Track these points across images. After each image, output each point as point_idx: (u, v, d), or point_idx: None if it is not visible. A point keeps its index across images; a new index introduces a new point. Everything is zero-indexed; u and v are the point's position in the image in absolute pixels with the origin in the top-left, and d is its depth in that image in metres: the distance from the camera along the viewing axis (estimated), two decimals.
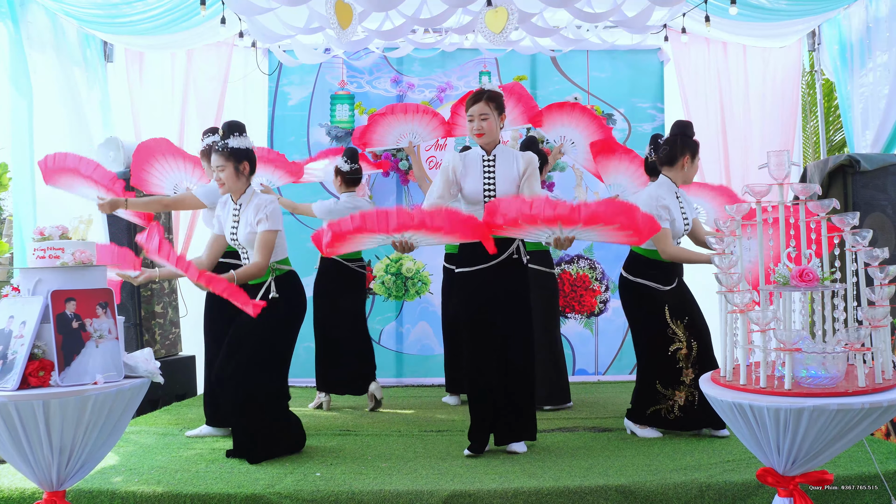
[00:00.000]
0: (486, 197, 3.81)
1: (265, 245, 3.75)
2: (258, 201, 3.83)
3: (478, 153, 3.86)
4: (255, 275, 3.76)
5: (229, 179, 3.85)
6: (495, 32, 4.50)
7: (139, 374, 2.92)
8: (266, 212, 3.76)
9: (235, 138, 3.88)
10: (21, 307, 2.81)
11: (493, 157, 3.85)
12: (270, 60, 6.37)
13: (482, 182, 3.83)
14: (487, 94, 3.83)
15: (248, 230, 3.82)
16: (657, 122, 6.40)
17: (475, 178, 3.83)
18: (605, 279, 6.29)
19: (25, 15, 4.67)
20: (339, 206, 5.17)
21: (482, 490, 3.22)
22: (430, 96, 6.38)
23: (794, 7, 5.34)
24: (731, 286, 2.79)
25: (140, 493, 3.22)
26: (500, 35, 4.51)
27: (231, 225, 3.92)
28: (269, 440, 3.79)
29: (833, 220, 2.83)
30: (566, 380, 5.19)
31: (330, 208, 5.16)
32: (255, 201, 3.84)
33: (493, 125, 3.82)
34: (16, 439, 2.67)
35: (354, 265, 5.28)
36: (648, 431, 4.20)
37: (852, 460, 3.46)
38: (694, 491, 3.22)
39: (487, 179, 3.82)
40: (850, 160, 4.73)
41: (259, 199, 3.86)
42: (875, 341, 2.69)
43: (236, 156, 3.84)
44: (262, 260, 3.74)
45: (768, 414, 2.49)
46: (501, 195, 3.76)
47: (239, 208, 3.90)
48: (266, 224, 3.75)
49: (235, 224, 3.90)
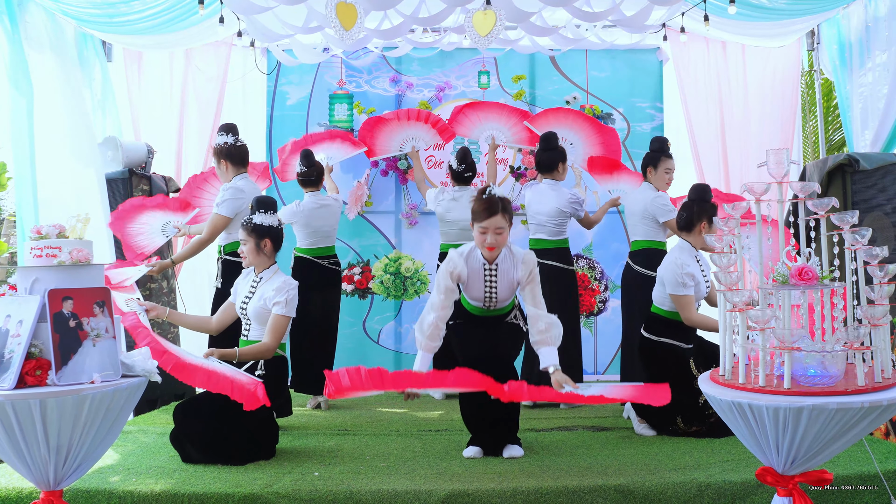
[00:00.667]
0: (486, 299, 3.86)
1: (278, 329, 3.85)
2: (282, 283, 3.92)
3: (479, 260, 3.80)
4: (261, 356, 3.85)
5: (250, 254, 3.99)
6: (481, 35, 4.47)
7: (137, 373, 2.91)
8: (287, 297, 3.86)
9: (261, 215, 4.01)
10: (18, 306, 2.80)
11: (496, 265, 3.80)
12: (269, 60, 6.36)
13: (483, 289, 3.84)
14: (501, 204, 3.70)
15: (260, 304, 3.90)
16: (656, 122, 6.39)
17: (477, 286, 3.83)
18: (605, 279, 6.27)
19: (24, 14, 4.66)
20: (302, 208, 5.24)
21: (481, 489, 3.22)
22: (429, 96, 6.37)
23: (793, 6, 5.33)
24: (730, 285, 2.78)
25: (138, 492, 3.21)
26: (485, 39, 4.49)
27: (246, 294, 4.00)
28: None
29: (832, 219, 2.83)
30: (581, 377, 5.27)
31: (294, 210, 5.24)
32: (279, 281, 3.94)
33: (506, 237, 3.76)
34: (12, 438, 2.67)
35: (327, 262, 5.32)
36: (644, 429, 4.21)
37: (852, 460, 3.45)
38: (693, 490, 3.21)
39: (489, 287, 3.83)
40: (849, 159, 4.73)
41: (283, 280, 3.94)
42: (874, 340, 2.69)
43: (258, 232, 3.97)
44: (273, 343, 3.84)
45: (767, 413, 2.49)
46: (502, 300, 3.86)
47: (259, 281, 3.99)
48: (283, 309, 3.85)
49: (250, 295, 3.98)
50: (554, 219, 5.14)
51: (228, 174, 4.81)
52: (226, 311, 4.12)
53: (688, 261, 4.13)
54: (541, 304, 3.79)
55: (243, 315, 4.00)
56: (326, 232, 5.31)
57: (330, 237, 5.35)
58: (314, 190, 5.30)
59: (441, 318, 3.72)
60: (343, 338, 6.17)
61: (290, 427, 4.49)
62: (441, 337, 3.74)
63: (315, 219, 5.23)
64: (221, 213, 4.71)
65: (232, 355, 3.75)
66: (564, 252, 5.22)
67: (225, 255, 4.84)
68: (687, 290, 4.06)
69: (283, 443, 4.08)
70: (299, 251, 5.32)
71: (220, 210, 4.71)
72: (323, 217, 5.26)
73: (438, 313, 3.72)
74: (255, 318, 3.93)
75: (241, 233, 4.02)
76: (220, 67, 6.16)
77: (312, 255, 5.28)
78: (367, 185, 6.25)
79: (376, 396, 5.68)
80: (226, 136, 4.80)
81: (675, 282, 4.08)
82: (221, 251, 4.89)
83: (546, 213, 5.14)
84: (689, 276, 4.06)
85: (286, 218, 5.23)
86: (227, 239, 4.83)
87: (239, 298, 4.04)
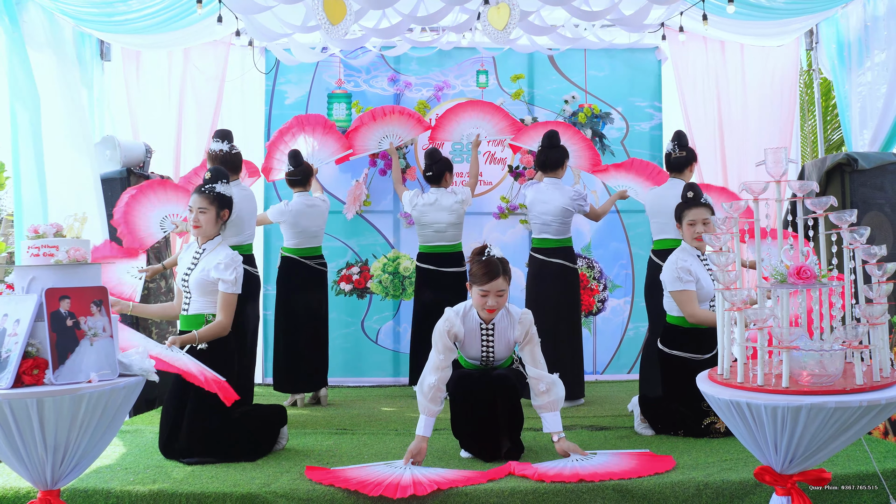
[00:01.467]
0: (483, 358, 3.84)
1: (230, 305, 3.80)
2: (229, 258, 3.81)
3: (476, 320, 3.77)
4: (218, 334, 3.79)
5: (207, 223, 3.88)
6: (498, 29, 4.48)
7: (134, 372, 2.91)
8: (237, 274, 3.80)
9: (222, 184, 3.94)
10: (15, 305, 2.80)
11: (492, 325, 3.77)
12: (267, 59, 6.35)
13: (480, 349, 3.81)
14: (502, 267, 3.66)
15: (202, 275, 3.81)
16: (655, 121, 6.39)
17: (474, 345, 3.80)
18: (604, 278, 6.28)
19: (23, 14, 4.65)
20: (291, 208, 5.28)
21: (479, 489, 3.21)
22: (428, 95, 6.36)
23: (791, 6, 5.33)
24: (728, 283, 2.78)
25: (135, 492, 3.21)
26: (503, 32, 4.49)
27: (188, 266, 3.90)
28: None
29: (831, 218, 2.83)
30: (582, 375, 5.31)
31: (282, 210, 5.29)
32: (223, 254, 3.83)
33: (506, 299, 3.72)
34: (10, 438, 2.66)
35: (314, 262, 5.35)
36: (644, 428, 4.22)
37: (850, 459, 3.45)
38: (691, 490, 3.21)
39: (485, 347, 3.81)
40: (847, 159, 4.73)
41: (229, 255, 3.84)
42: (873, 339, 2.69)
43: (220, 201, 3.90)
44: (227, 320, 3.80)
45: (766, 412, 2.48)
46: (499, 359, 3.84)
47: (202, 252, 3.89)
48: (234, 287, 3.79)
49: (192, 267, 3.88)
50: (559, 218, 5.17)
51: None
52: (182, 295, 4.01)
53: (685, 258, 4.13)
54: (541, 363, 3.73)
55: (185, 287, 3.88)
56: (314, 232, 5.36)
57: (317, 237, 5.40)
58: (302, 190, 5.35)
59: (441, 381, 3.64)
60: (341, 337, 6.20)
61: (290, 426, 4.47)
62: (442, 400, 3.67)
63: (303, 219, 5.27)
64: None
65: (192, 339, 3.70)
66: (570, 251, 5.27)
67: None
68: (684, 286, 4.04)
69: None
70: (286, 251, 5.37)
71: None
72: (311, 217, 5.30)
73: (439, 375, 3.64)
74: (197, 289, 3.82)
75: (202, 200, 3.88)
76: (219, 67, 6.15)
77: (299, 254, 5.33)
78: (365, 184, 6.25)
79: (375, 396, 5.69)
80: (221, 143, 4.84)
81: (672, 277, 4.08)
82: None
83: (552, 213, 5.17)
84: (684, 270, 4.05)
85: (274, 217, 5.29)
86: None
87: (181, 271, 3.92)
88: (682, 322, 4.14)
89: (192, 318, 3.87)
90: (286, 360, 5.31)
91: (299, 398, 5.31)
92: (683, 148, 4.99)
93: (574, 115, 6.28)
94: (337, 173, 6.27)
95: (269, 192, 6.28)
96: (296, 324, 5.20)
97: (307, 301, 5.30)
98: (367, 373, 6.25)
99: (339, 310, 6.22)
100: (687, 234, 4.19)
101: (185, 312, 3.91)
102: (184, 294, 3.92)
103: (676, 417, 4.10)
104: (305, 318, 5.29)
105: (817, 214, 2.86)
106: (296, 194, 5.34)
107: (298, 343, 5.28)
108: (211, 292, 3.82)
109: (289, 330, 5.25)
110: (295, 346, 5.28)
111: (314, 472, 3.41)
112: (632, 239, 6.35)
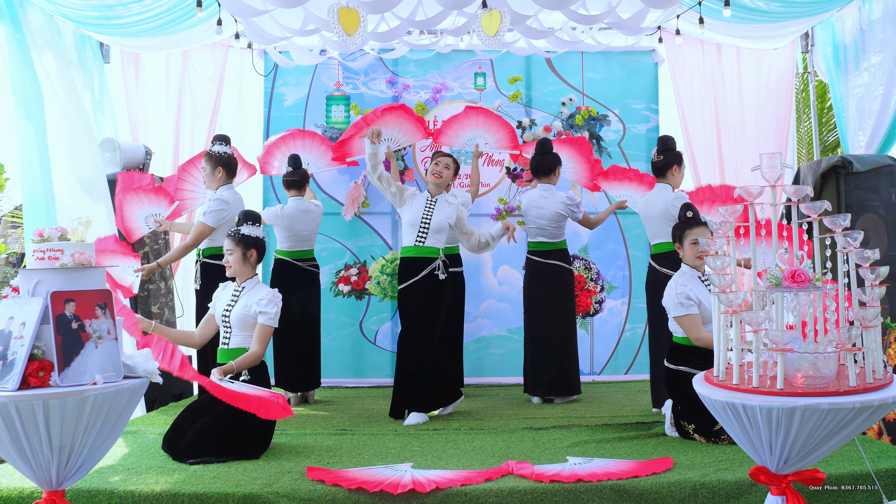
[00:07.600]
0: (421, 225, 4.81)
1: (265, 337, 4.02)
2: (270, 294, 4.04)
3: (425, 196, 4.90)
4: (252, 364, 3.97)
5: (236, 263, 4.12)
6: (490, 35, 4.57)
7: (138, 374, 2.94)
8: (277, 308, 4.01)
9: (248, 226, 4.17)
10: (21, 308, 2.82)
11: (436, 200, 4.89)
12: (266, 62, 6.38)
13: (421, 215, 4.83)
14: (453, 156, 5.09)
15: (243, 311, 4.02)
16: (651, 123, 6.43)
17: (417, 209, 4.84)
18: (601, 279, 6.31)
19: (25, 16, 4.66)
20: (286, 211, 5.35)
21: (478, 488, 3.25)
22: (426, 97, 6.39)
23: (787, 9, 5.37)
24: (723, 287, 2.82)
25: (138, 492, 3.24)
26: (494, 38, 4.60)
27: (227, 303, 4.10)
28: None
29: (825, 222, 2.86)
30: (577, 371, 5.43)
31: (277, 213, 5.37)
32: (264, 291, 4.06)
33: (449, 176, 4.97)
34: (15, 439, 2.69)
35: (306, 264, 5.41)
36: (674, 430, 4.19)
37: (844, 459, 3.49)
38: (687, 489, 3.25)
39: (426, 214, 4.84)
40: (842, 161, 4.77)
41: (270, 292, 4.06)
42: (866, 341, 2.72)
43: (245, 243, 4.14)
44: (261, 350, 4.00)
45: (760, 413, 2.52)
46: (433, 229, 4.82)
47: (241, 291, 4.11)
48: (272, 320, 4.00)
49: (232, 304, 4.08)
50: (554, 222, 5.30)
51: (218, 182, 4.99)
52: (207, 324, 4.23)
53: (684, 282, 4.11)
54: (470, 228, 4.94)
55: (225, 324, 4.08)
56: (307, 236, 5.43)
57: (310, 241, 5.48)
58: (297, 193, 5.42)
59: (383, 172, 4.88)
60: (340, 338, 6.22)
61: (290, 426, 4.51)
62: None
63: (297, 223, 5.35)
64: (206, 223, 4.89)
65: (230, 369, 3.88)
66: (565, 253, 5.41)
67: (203, 258, 5.01)
68: (686, 310, 4.03)
69: (282, 441, 4.12)
70: (279, 253, 5.45)
71: (205, 219, 4.89)
72: (304, 222, 5.38)
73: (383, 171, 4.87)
74: (237, 325, 4.03)
75: (228, 243, 4.16)
76: (218, 69, 6.18)
77: (292, 257, 5.41)
78: (363, 186, 6.28)
79: (375, 397, 5.71)
80: (224, 146, 5.02)
81: (674, 304, 4.08)
82: (200, 254, 5.05)
83: (547, 218, 5.28)
84: (684, 295, 4.04)
85: (269, 220, 5.36)
86: (207, 244, 5.00)
87: (220, 308, 4.12)
88: (687, 342, 4.13)
89: (231, 351, 4.05)
90: (279, 359, 5.41)
91: (293, 396, 5.40)
92: (662, 152, 5.00)
93: (571, 117, 6.32)
94: (335, 175, 6.31)
95: (267, 192, 6.30)
96: (289, 324, 5.23)
97: (300, 302, 5.35)
98: (365, 373, 6.29)
99: (338, 311, 6.25)
100: (689, 254, 4.19)
101: (224, 346, 4.09)
102: (223, 329, 4.11)
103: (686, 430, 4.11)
104: (298, 318, 5.34)
105: (812, 219, 2.89)
106: (291, 198, 5.40)
107: (291, 343, 5.35)
108: (250, 327, 4.02)
109: (281, 330, 5.27)
110: (288, 346, 5.36)
111: (315, 473, 3.45)
112: (629, 241, 6.39)
